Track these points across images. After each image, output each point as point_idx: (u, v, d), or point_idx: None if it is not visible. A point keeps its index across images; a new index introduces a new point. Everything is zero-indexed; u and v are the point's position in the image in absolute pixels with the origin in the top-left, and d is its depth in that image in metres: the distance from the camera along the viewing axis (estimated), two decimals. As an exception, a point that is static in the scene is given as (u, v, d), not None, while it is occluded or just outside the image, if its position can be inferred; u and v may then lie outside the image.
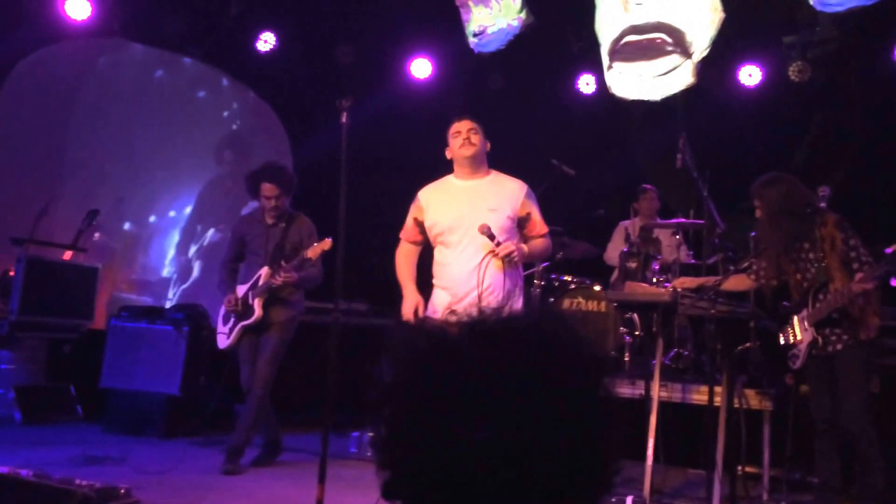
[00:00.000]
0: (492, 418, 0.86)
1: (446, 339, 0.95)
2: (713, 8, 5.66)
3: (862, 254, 3.90)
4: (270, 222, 5.04)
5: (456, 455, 0.86)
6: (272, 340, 4.93)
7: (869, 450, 3.91)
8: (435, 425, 0.88)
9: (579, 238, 6.12)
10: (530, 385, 0.88)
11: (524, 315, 0.99)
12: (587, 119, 6.79)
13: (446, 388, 0.89)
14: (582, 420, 0.89)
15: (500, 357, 0.90)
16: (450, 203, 3.95)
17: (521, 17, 5.86)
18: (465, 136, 3.92)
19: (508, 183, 3.98)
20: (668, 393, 4.89)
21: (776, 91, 6.37)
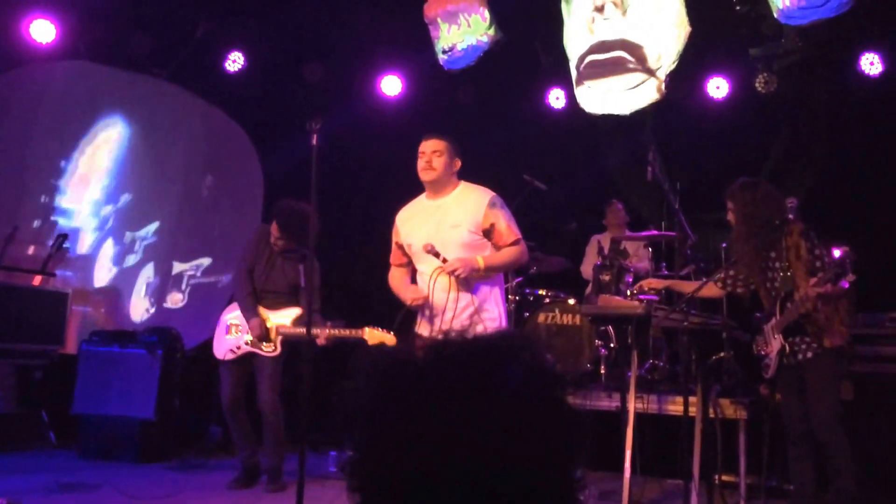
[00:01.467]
0: (457, 439, 0.86)
1: (410, 361, 0.95)
2: (679, 23, 5.74)
3: (826, 262, 3.96)
4: (279, 252, 5.09)
5: (423, 476, 0.86)
6: (268, 365, 4.99)
7: (841, 456, 3.96)
8: (402, 447, 0.88)
9: (553, 252, 6.16)
10: (493, 404, 0.89)
11: (487, 335, 0.99)
12: (558, 133, 6.83)
13: (411, 411, 0.90)
14: (547, 436, 0.90)
15: (463, 377, 0.91)
16: (418, 224, 3.97)
17: (490, 33, 5.89)
18: (427, 158, 3.92)
19: (472, 195, 3.95)
20: (643, 404, 4.92)
21: (744, 103, 6.45)
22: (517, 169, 5.97)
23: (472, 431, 0.87)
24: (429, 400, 0.90)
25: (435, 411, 0.88)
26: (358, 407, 0.95)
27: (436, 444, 0.87)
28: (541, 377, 0.94)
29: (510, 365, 0.93)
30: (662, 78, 5.77)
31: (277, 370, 5.03)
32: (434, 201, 3.98)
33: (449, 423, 0.87)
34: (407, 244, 3.99)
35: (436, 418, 0.88)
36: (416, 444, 0.87)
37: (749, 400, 4.89)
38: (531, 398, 0.91)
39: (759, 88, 6.17)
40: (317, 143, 3.86)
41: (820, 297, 3.91)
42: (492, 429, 0.87)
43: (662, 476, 5.09)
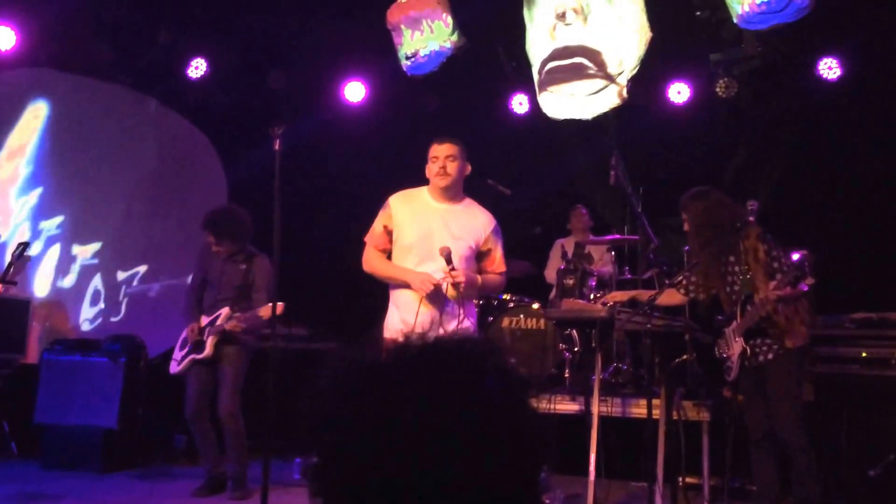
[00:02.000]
0: (420, 443, 0.86)
1: (373, 364, 0.95)
2: (640, 28, 5.78)
3: (784, 264, 4.01)
4: (225, 257, 5.11)
5: (385, 480, 0.86)
6: (227, 374, 4.97)
7: (803, 457, 4.00)
8: (364, 451, 0.88)
9: (517, 256, 6.16)
10: (457, 408, 0.88)
11: (451, 338, 0.99)
12: (521, 139, 6.86)
13: (374, 414, 0.89)
14: (511, 440, 0.90)
15: (427, 381, 0.90)
16: (418, 220, 3.89)
17: (453, 39, 5.89)
18: (441, 163, 3.84)
19: (479, 215, 3.99)
20: (608, 408, 4.94)
21: (705, 107, 6.52)
22: (481, 174, 5.95)
23: (435, 435, 0.86)
24: (392, 403, 0.89)
25: (398, 415, 0.88)
26: (321, 410, 0.95)
27: (399, 448, 0.86)
28: (505, 381, 0.94)
29: (475, 369, 0.93)
30: (624, 83, 5.80)
31: (238, 379, 5.00)
32: (440, 204, 3.92)
33: (412, 426, 0.87)
34: (398, 233, 3.90)
35: (399, 422, 0.87)
36: (379, 447, 0.87)
37: (712, 402, 4.94)
38: (495, 402, 0.91)
39: (719, 93, 6.24)
40: (280, 148, 3.85)
41: (780, 299, 3.96)
42: (455, 432, 0.87)
43: (627, 478, 5.11)
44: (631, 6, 5.84)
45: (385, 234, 3.97)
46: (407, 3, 5.99)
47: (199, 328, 5.06)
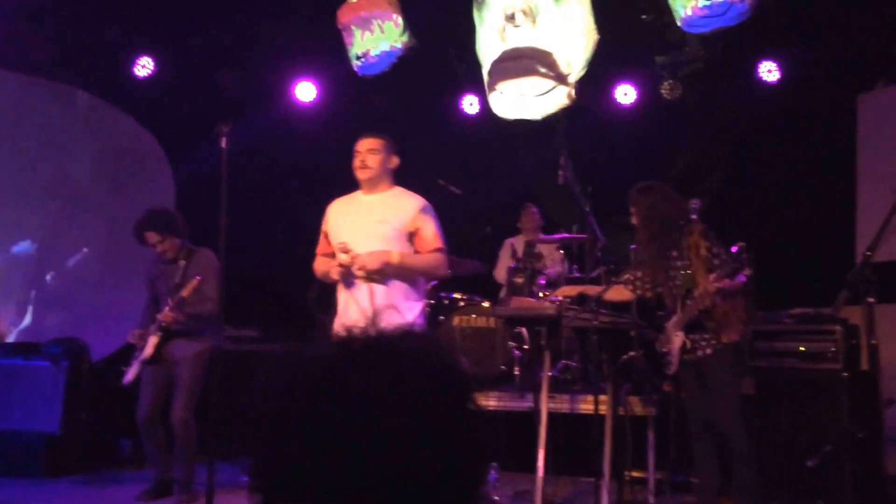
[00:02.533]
0: (360, 437, 0.86)
1: (313, 359, 0.94)
2: (588, 31, 5.86)
3: (724, 260, 4.10)
4: (170, 260, 5.06)
5: (325, 476, 0.85)
6: (182, 380, 4.90)
7: (743, 449, 4.09)
8: (303, 447, 0.87)
9: (468, 256, 6.20)
10: (398, 403, 0.88)
11: (394, 333, 0.98)
12: (472, 138, 6.91)
13: (313, 409, 0.88)
14: (453, 437, 0.90)
15: (367, 375, 0.90)
16: (347, 218, 4.01)
17: (404, 40, 5.91)
18: (362, 157, 3.97)
19: (406, 197, 4.05)
20: (556, 404, 4.99)
21: (650, 109, 6.65)
22: (432, 174, 6.00)
23: (375, 431, 0.86)
24: (331, 399, 0.88)
25: (337, 411, 0.87)
26: (260, 405, 0.94)
27: (338, 444, 0.86)
28: (448, 377, 0.94)
29: (417, 365, 0.93)
30: (572, 85, 5.88)
31: (194, 386, 4.91)
32: (368, 197, 4.04)
33: (351, 422, 0.86)
34: (333, 236, 4.02)
35: (338, 418, 0.87)
36: (318, 444, 0.86)
37: (657, 397, 5.03)
38: (438, 398, 0.91)
39: (664, 95, 6.37)
40: (226, 146, 3.85)
41: (719, 291, 4.05)
42: (396, 428, 0.86)
43: (575, 474, 5.17)
44: (578, 9, 5.93)
45: (324, 238, 4.11)
46: (357, 4, 5.98)
47: (143, 333, 4.99)
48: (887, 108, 6.23)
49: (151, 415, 4.91)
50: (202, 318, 4.88)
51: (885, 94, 6.23)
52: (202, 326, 4.93)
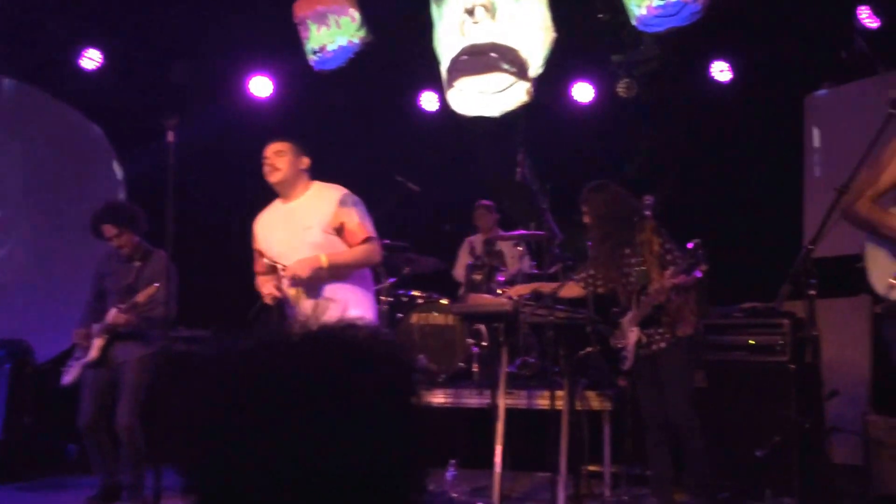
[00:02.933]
0: (296, 431, 0.84)
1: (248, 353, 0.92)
2: (545, 28, 5.90)
3: (677, 256, 4.18)
4: (125, 259, 4.91)
5: (259, 476, 0.83)
6: (127, 385, 4.74)
7: (695, 441, 4.17)
8: (234, 443, 0.85)
9: (426, 253, 6.21)
10: (337, 394, 0.86)
11: (333, 325, 0.96)
12: (431, 135, 6.90)
13: (247, 404, 0.86)
14: (393, 428, 0.88)
15: (305, 368, 0.88)
16: (272, 229, 3.98)
17: (361, 35, 5.88)
18: (270, 161, 3.94)
19: (324, 194, 3.96)
20: (513, 400, 5.03)
21: (607, 107, 6.73)
22: (390, 170, 5.99)
23: (313, 425, 0.84)
24: (266, 393, 0.86)
25: (273, 405, 0.85)
26: (192, 402, 0.91)
27: (273, 440, 0.83)
28: (390, 369, 0.92)
29: (357, 356, 0.91)
30: (531, 82, 5.92)
31: (139, 391, 4.77)
32: (287, 205, 3.98)
33: (288, 416, 0.84)
34: (266, 253, 4.00)
35: (274, 412, 0.84)
36: (252, 440, 0.84)
37: (613, 392, 5.10)
38: (379, 390, 0.89)
39: (621, 93, 6.44)
40: (174, 140, 3.79)
41: (675, 287, 4.12)
42: (335, 422, 0.84)
43: (532, 469, 5.22)
44: (536, 6, 5.96)
45: (259, 256, 4.10)
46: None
47: (87, 333, 4.84)
48: (832, 109, 6.41)
49: (93, 421, 4.75)
50: (152, 321, 4.76)
51: (831, 95, 6.40)
52: (150, 329, 4.80)
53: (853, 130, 5.96)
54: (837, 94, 6.37)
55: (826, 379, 4.83)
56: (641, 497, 4.87)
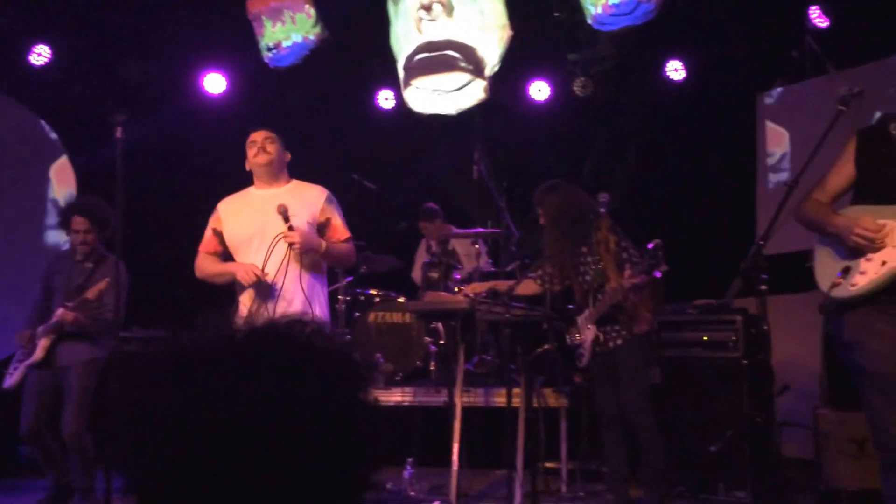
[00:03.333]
0: (240, 429, 0.81)
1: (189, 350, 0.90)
2: (501, 26, 5.91)
3: (633, 254, 4.21)
4: (80, 258, 4.77)
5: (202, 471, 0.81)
6: (73, 390, 4.60)
7: (650, 437, 4.21)
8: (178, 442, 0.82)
9: (383, 251, 6.17)
10: (283, 392, 0.84)
11: (280, 322, 0.94)
12: (387, 133, 6.87)
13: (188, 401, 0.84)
14: (340, 425, 0.86)
15: (250, 365, 0.86)
16: (247, 213, 3.87)
17: (317, 31, 5.83)
18: (260, 144, 3.88)
19: (309, 190, 3.95)
20: (471, 398, 5.04)
21: (564, 105, 6.76)
22: (347, 169, 5.95)
23: (257, 422, 0.82)
24: (210, 391, 0.84)
25: (216, 402, 0.83)
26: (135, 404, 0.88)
27: (216, 438, 0.81)
28: (338, 366, 0.90)
29: (304, 353, 0.89)
30: (487, 79, 5.92)
31: (85, 396, 4.63)
32: (266, 191, 3.90)
33: (232, 414, 0.82)
34: (230, 234, 3.88)
35: (216, 409, 0.82)
36: (194, 438, 0.82)
37: (570, 389, 5.13)
38: (326, 387, 0.87)
39: (577, 92, 6.48)
40: (122, 137, 3.71)
41: (634, 287, 4.15)
42: (280, 420, 0.82)
43: (489, 467, 5.23)
44: (493, 4, 5.97)
45: (214, 236, 3.96)
46: (268, -7, 5.87)
47: (31, 335, 4.69)
48: (785, 107, 6.52)
49: (36, 427, 4.61)
50: (100, 323, 4.64)
51: (783, 93, 6.51)
52: (98, 332, 4.68)
53: (805, 128, 6.08)
54: (789, 93, 6.48)
55: (778, 374, 4.90)
56: (598, 493, 4.91)
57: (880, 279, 2.75)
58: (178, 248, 6.50)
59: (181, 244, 6.52)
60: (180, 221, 6.66)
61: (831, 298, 2.79)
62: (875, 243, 2.76)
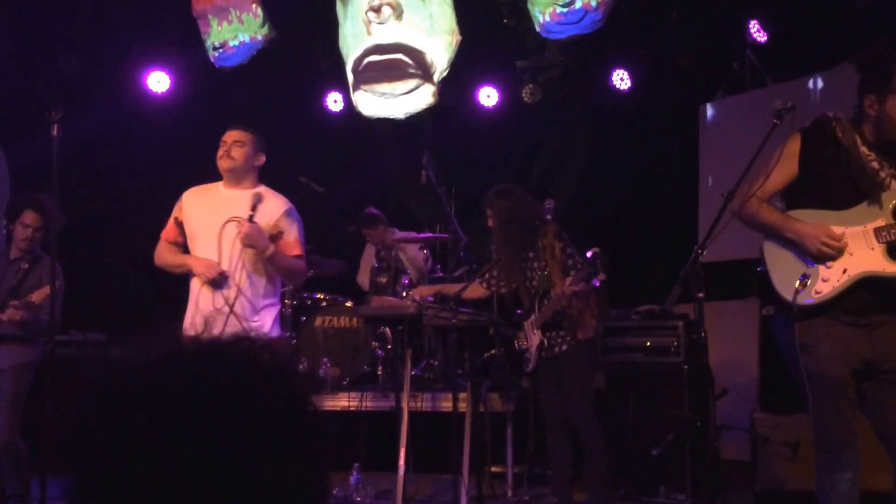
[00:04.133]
0: (186, 444, 0.80)
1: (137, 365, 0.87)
2: (450, 31, 5.94)
3: (577, 261, 4.26)
4: (16, 256, 4.59)
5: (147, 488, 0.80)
6: (5, 395, 4.42)
7: (594, 441, 4.27)
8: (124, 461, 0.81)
9: (330, 255, 6.13)
10: (229, 406, 0.83)
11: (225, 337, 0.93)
12: (336, 136, 6.83)
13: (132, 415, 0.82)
14: (286, 445, 0.85)
15: (194, 380, 0.84)
16: (205, 207, 3.85)
17: (264, 32, 5.76)
18: (227, 147, 3.84)
19: (272, 198, 3.92)
20: (417, 403, 5.03)
21: (512, 111, 6.81)
22: (294, 171, 5.89)
23: (203, 437, 0.81)
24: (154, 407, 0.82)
25: (160, 415, 0.81)
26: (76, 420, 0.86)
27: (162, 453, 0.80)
28: (282, 382, 0.89)
29: (248, 369, 0.88)
30: (436, 84, 5.94)
31: (18, 401, 4.46)
32: (230, 191, 3.88)
33: (176, 428, 0.81)
34: (186, 223, 3.86)
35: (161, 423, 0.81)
36: (140, 454, 0.80)
37: (516, 393, 5.17)
38: (270, 405, 0.86)
39: (525, 98, 6.54)
40: (58, 133, 3.61)
41: (575, 294, 4.20)
42: (225, 434, 0.81)
43: (436, 472, 5.23)
44: (441, 8, 6.00)
45: (175, 225, 3.93)
46: (214, -8, 5.78)
47: None
48: (725, 117, 6.69)
49: None
50: (35, 326, 4.46)
51: (724, 104, 6.68)
52: (32, 335, 4.50)
53: (744, 139, 6.24)
54: (730, 104, 6.66)
55: (717, 379, 5.01)
56: (543, 496, 4.96)
57: (842, 286, 2.83)
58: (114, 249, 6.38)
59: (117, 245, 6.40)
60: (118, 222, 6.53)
61: (795, 305, 2.84)
62: (838, 251, 2.84)
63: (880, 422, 2.89)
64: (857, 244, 2.84)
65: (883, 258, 2.82)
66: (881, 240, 2.82)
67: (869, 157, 2.87)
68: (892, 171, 2.87)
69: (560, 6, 5.67)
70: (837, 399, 2.85)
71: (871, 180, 2.86)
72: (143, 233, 4.75)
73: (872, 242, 2.83)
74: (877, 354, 2.84)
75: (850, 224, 2.86)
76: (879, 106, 2.82)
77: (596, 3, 5.58)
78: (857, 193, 2.87)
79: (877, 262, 2.82)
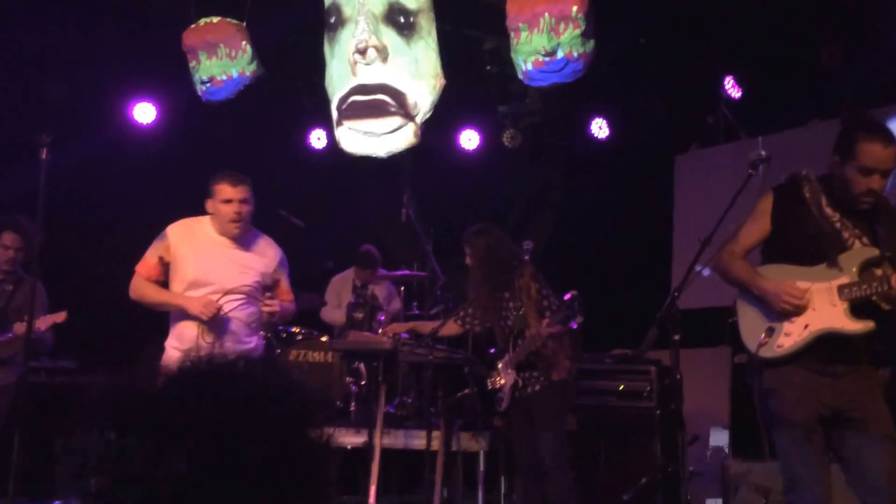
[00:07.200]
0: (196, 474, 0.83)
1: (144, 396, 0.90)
2: (434, 74, 6.05)
3: (553, 302, 4.31)
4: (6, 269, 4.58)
5: None
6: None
7: (564, 482, 4.27)
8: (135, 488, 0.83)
9: (307, 290, 6.13)
10: (234, 429, 0.86)
11: (226, 362, 0.96)
12: (318, 172, 6.90)
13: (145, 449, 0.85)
14: (291, 466, 0.88)
15: (201, 409, 0.87)
16: (202, 254, 3.79)
17: (252, 68, 5.83)
18: (237, 208, 3.75)
19: (268, 247, 3.99)
20: (390, 440, 5.02)
21: (493, 155, 6.94)
22: (275, 205, 5.92)
23: (212, 466, 0.83)
24: (164, 436, 0.85)
25: (172, 445, 0.84)
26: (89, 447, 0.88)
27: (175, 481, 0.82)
28: (286, 406, 0.92)
29: (253, 394, 0.90)
30: (418, 125, 6.03)
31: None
32: (222, 237, 3.85)
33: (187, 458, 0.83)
34: (180, 269, 3.78)
35: (174, 455, 0.83)
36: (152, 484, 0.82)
37: (489, 432, 5.18)
38: (275, 428, 0.88)
39: (506, 143, 6.67)
40: (47, 158, 3.63)
41: (551, 335, 4.25)
42: (232, 456, 0.84)
43: (407, 510, 5.20)
44: (426, 52, 6.12)
45: (160, 265, 3.83)
46: (204, 28, 5.84)
47: None
48: (699, 169, 6.87)
49: None
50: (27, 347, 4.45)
51: (698, 156, 6.87)
52: (11, 356, 4.49)
53: (718, 189, 6.40)
54: (704, 156, 6.84)
55: (689, 425, 5.06)
56: (513, 537, 4.94)
57: (804, 342, 2.92)
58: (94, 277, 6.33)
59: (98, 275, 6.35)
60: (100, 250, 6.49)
61: (757, 357, 2.94)
62: (799, 309, 2.93)
63: (856, 469, 2.92)
64: (821, 300, 2.94)
65: (844, 315, 2.91)
66: (843, 297, 2.92)
67: (832, 219, 2.99)
68: (855, 232, 2.98)
69: (542, 55, 5.82)
70: (803, 442, 2.91)
71: (832, 241, 2.97)
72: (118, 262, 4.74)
73: (835, 299, 2.93)
74: (844, 401, 2.92)
75: (816, 280, 2.96)
76: (840, 169, 2.96)
77: (577, 54, 5.72)
78: (821, 252, 2.98)
79: (837, 320, 2.91)
